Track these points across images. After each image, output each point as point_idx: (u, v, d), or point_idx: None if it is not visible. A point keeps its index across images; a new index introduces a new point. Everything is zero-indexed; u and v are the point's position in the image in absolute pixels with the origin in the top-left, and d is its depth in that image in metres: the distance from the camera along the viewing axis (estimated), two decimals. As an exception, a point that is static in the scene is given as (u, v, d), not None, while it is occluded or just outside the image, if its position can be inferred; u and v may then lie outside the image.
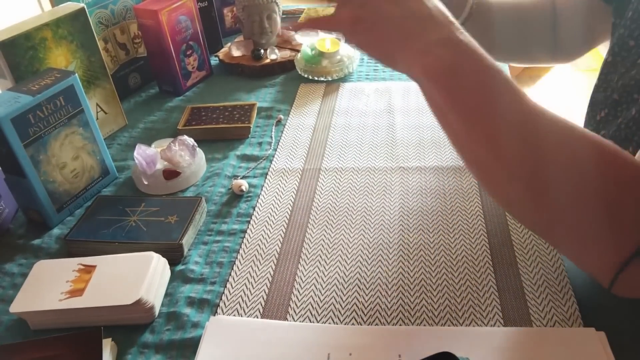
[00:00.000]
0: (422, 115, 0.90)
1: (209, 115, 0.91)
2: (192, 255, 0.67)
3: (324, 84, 1.02)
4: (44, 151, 0.69)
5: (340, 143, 0.85)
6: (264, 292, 0.61)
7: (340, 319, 0.57)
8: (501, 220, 0.68)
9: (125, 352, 0.56)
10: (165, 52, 0.96)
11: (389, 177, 0.77)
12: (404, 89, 0.97)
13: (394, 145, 0.83)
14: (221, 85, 1.05)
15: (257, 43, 1.08)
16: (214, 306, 0.60)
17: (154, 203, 0.72)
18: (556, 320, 0.55)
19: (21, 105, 0.65)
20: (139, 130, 0.93)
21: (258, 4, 1.04)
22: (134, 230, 0.67)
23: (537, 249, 0.63)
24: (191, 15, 0.99)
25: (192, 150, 0.79)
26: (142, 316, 0.58)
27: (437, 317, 0.57)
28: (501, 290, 0.59)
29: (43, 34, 0.77)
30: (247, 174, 0.80)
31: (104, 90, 0.89)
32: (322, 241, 0.67)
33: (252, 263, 0.65)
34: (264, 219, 0.71)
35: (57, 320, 0.58)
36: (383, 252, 0.65)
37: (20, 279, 0.65)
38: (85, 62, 0.84)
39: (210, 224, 0.72)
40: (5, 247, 0.71)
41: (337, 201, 0.73)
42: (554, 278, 0.59)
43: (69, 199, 0.75)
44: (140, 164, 0.76)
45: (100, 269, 0.60)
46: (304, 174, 0.79)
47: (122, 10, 0.98)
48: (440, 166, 0.78)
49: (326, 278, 0.62)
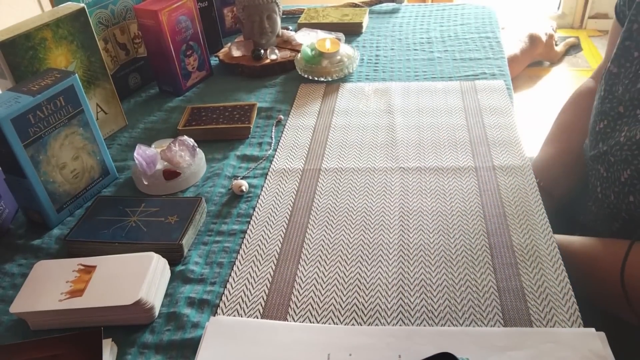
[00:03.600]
0: (422, 115, 0.90)
1: (209, 115, 0.91)
2: (192, 255, 0.67)
3: (324, 84, 1.02)
4: (44, 151, 0.69)
5: (340, 143, 0.85)
6: (264, 293, 0.61)
7: (340, 319, 0.57)
8: (501, 220, 0.68)
9: (125, 352, 0.56)
10: (165, 52, 0.96)
11: (389, 178, 0.77)
12: (404, 89, 0.97)
13: (394, 145, 0.83)
14: (221, 85, 1.05)
15: (257, 43, 1.08)
16: (214, 306, 0.60)
17: (154, 203, 0.72)
18: (556, 321, 0.55)
19: (21, 105, 0.65)
20: (139, 131, 0.93)
21: (258, 4, 1.04)
22: (134, 231, 0.67)
23: (537, 250, 0.63)
24: (191, 15, 0.99)
25: (192, 150, 0.79)
26: (142, 316, 0.58)
27: (437, 317, 0.57)
28: (501, 290, 0.59)
29: (43, 34, 0.77)
30: (247, 174, 0.80)
31: (104, 90, 0.89)
32: (322, 241, 0.67)
33: (252, 263, 0.65)
34: (264, 220, 0.71)
35: (57, 321, 0.58)
36: (383, 252, 0.65)
37: (20, 279, 0.65)
38: (85, 62, 0.84)
39: (210, 224, 0.72)
40: (5, 247, 0.71)
41: (337, 201, 0.73)
42: (554, 278, 0.59)
43: (69, 199, 0.75)
44: (140, 164, 0.76)
45: (100, 269, 0.60)
46: (304, 175, 0.79)
47: (122, 10, 0.98)
48: (440, 166, 0.78)
49: (326, 278, 0.62)
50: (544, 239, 0.64)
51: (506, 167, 0.76)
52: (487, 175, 0.75)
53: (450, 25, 1.22)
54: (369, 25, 1.25)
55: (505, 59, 1.06)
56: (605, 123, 0.73)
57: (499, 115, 0.88)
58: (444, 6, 1.32)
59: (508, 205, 0.70)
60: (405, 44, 1.15)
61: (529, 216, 0.68)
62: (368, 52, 1.13)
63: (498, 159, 0.78)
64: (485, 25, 1.21)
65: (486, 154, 0.79)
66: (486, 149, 0.80)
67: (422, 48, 1.12)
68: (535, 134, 1.15)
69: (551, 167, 0.89)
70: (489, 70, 1.02)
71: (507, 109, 0.89)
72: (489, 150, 0.80)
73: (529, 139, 0.97)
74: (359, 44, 1.17)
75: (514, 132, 0.84)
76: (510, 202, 0.70)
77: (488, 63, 1.04)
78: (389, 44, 1.15)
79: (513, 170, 0.76)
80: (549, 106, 2.22)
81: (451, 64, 1.05)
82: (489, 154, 0.79)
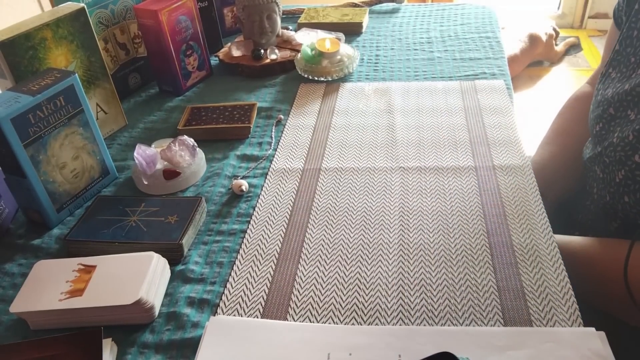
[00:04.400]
0: (422, 115, 0.90)
1: (209, 115, 0.91)
2: (192, 255, 0.67)
3: (324, 84, 1.02)
4: (44, 151, 0.69)
5: (340, 143, 0.85)
6: (264, 292, 0.61)
7: (340, 319, 0.57)
8: (501, 220, 0.68)
9: (125, 352, 0.56)
10: (165, 52, 0.96)
11: (389, 177, 0.77)
12: (404, 89, 0.97)
13: (394, 145, 0.83)
14: (221, 85, 1.05)
15: (257, 43, 1.08)
16: (214, 306, 0.60)
17: (154, 203, 0.72)
18: (556, 320, 0.55)
19: (21, 105, 0.65)
20: (139, 130, 0.93)
21: (258, 4, 1.04)
22: (134, 231, 0.67)
23: (537, 249, 0.63)
24: (191, 15, 0.99)
25: (192, 150, 0.79)
26: (142, 316, 0.58)
27: (437, 317, 0.57)
28: (501, 290, 0.59)
29: (43, 34, 0.77)
30: (247, 174, 0.80)
31: (104, 90, 0.89)
32: (322, 241, 0.67)
33: (252, 263, 0.65)
34: (264, 219, 0.71)
35: (57, 320, 0.58)
36: (383, 252, 0.65)
37: (20, 279, 0.65)
38: (85, 62, 0.84)
39: (210, 224, 0.72)
40: (5, 247, 0.71)
41: (337, 201, 0.73)
42: (554, 278, 0.59)
43: (69, 199, 0.75)
44: (140, 164, 0.76)
45: (100, 269, 0.60)
46: (304, 174, 0.79)
47: (122, 10, 0.98)
48: (440, 166, 0.78)
49: (326, 278, 0.62)
50: (544, 239, 0.64)
51: (506, 166, 0.76)
52: (487, 175, 0.75)
53: (450, 25, 1.22)
54: (369, 25, 1.25)
55: (505, 59, 1.06)
56: (601, 126, 0.73)
57: (499, 115, 0.88)
58: (444, 6, 1.32)
59: (508, 205, 0.70)
60: (405, 43, 1.15)
61: (529, 216, 0.68)
62: (368, 52, 1.13)
63: (498, 159, 0.78)
64: (485, 25, 1.21)
65: (486, 153, 0.79)
66: (486, 149, 0.80)
67: (422, 48, 1.12)
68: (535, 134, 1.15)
69: (545, 170, 0.89)
70: (489, 70, 1.02)
71: (507, 109, 0.89)
72: (489, 150, 0.80)
73: (529, 138, 0.98)
74: (359, 44, 1.17)
75: (514, 132, 0.84)
76: (510, 202, 0.70)
77: (488, 63, 1.04)
78: (389, 44, 1.15)
79: (513, 170, 0.76)
80: (549, 106, 2.22)
81: (451, 63, 1.05)
82: (489, 154, 0.79)
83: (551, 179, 0.87)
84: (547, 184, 0.86)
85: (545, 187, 0.84)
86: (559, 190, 0.87)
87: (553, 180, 0.88)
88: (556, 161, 0.90)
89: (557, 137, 0.94)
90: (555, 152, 0.92)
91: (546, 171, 0.89)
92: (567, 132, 0.93)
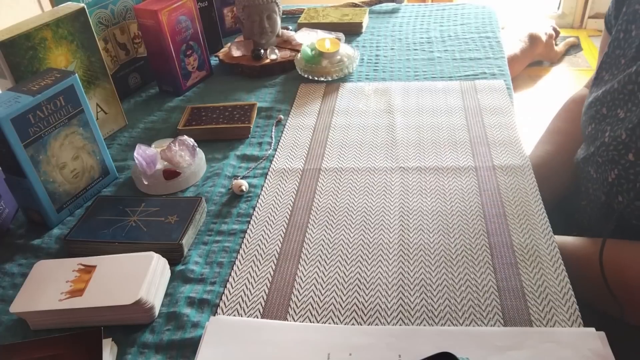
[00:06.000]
0: (422, 115, 0.90)
1: (209, 115, 0.91)
2: (192, 255, 0.67)
3: (324, 84, 1.02)
4: (44, 151, 0.69)
5: (340, 143, 0.85)
6: (264, 292, 0.61)
7: (340, 319, 0.57)
8: (501, 220, 0.68)
9: (125, 352, 0.56)
10: (165, 52, 0.96)
11: (389, 177, 0.77)
12: (404, 89, 0.97)
13: (394, 145, 0.83)
14: (221, 85, 1.05)
15: (257, 43, 1.08)
16: (214, 306, 0.60)
17: (154, 203, 0.72)
18: (556, 320, 0.55)
19: (21, 105, 0.65)
20: (139, 130, 0.93)
21: (258, 4, 1.04)
22: (134, 231, 0.67)
23: (537, 249, 0.63)
24: (191, 15, 0.99)
25: (192, 150, 0.79)
26: (142, 316, 0.58)
27: (437, 317, 0.57)
28: (501, 290, 0.59)
29: (43, 34, 0.77)
30: (247, 174, 0.80)
31: (104, 90, 0.89)
32: (322, 241, 0.67)
33: (252, 263, 0.65)
34: (264, 219, 0.71)
35: (57, 320, 0.58)
36: (383, 252, 0.65)
37: (20, 279, 0.65)
38: (85, 62, 0.84)
39: (210, 224, 0.72)
40: (5, 247, 0.71)
41: (337, 201, 0.73)
42: (554, 278, 0.59)
43: (69, 199, 0.75)
44: (140, 164, 0.76)
45: (100, 269, 0.60)
46: (304, 174, 0.79)
47: (122, 10, 0.98)
48: (440, 166, 0.78)
49: (326, 278, 0.62)
50: (544, 239, 0.64)
51: (506, 166, 0.76)
52: (487, 175, 0.75)
53: (450, 25, 1.22)
54: (369, 25, 1.25)
55: (505, 59, 1.06)
56: (593, 126, 0.74)
57: (499, 115, 0.88)
58: (444, 6, 1.32)
59: (508, 205, 0.70)
60: (405, 43, 1.15)
61: (529, 216, 0.68)
62: (368, 52, 1.13)
63: (498, 159, 0.78)
64: (485, 25, 1.21)
65: (486, 153, 0.79)
66: (486, 149, 0.80)
67: (422, 48, 1.12)
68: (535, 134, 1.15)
69: (540, 168, 0.89)
70: (489, 70, 1.02)
71: (507, 109, 0.89)
72: (489, 150, 0.80)
73: (529, 138, 0.97)
74: (359, 44, 1.17)
75: (514, 131, 0.84)
76: (510, 202, 0.70)
77: (488, 63, 1.04)
78: (389, 44, 1.15)
79: (513, 170, 0.76)
80: (549, 106, 2.22)
81: (451, 63, 1.05)
82: (489, 154, 0.79)
83: (546, 177, 0.88)
84: (542, 182, 0.86)
85: (541, 185, 0.84)
86: (554, 188, 0.87)
87: (548, 177, 0.88)
88: (552, 160, 0.90)
89: (553, 136, 0.95)
90: (551, 151, 0.92)
91: (542, 170, 0.89)
92: (563, 132, 0.94)
